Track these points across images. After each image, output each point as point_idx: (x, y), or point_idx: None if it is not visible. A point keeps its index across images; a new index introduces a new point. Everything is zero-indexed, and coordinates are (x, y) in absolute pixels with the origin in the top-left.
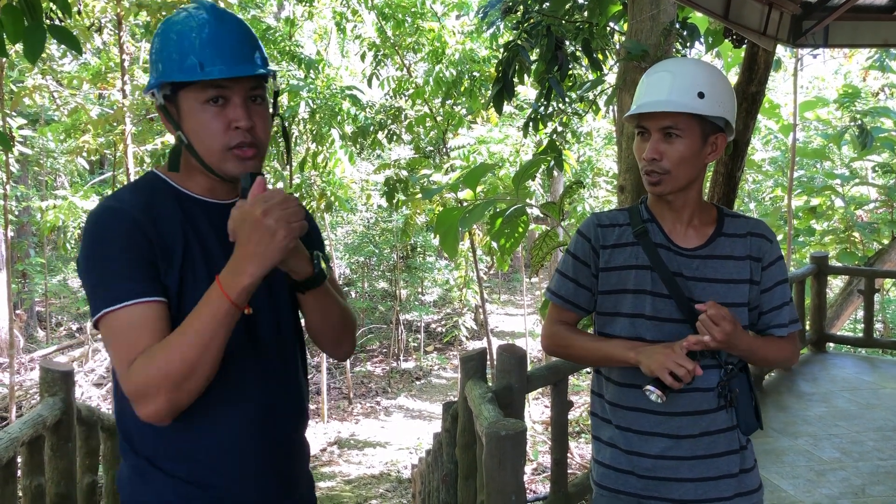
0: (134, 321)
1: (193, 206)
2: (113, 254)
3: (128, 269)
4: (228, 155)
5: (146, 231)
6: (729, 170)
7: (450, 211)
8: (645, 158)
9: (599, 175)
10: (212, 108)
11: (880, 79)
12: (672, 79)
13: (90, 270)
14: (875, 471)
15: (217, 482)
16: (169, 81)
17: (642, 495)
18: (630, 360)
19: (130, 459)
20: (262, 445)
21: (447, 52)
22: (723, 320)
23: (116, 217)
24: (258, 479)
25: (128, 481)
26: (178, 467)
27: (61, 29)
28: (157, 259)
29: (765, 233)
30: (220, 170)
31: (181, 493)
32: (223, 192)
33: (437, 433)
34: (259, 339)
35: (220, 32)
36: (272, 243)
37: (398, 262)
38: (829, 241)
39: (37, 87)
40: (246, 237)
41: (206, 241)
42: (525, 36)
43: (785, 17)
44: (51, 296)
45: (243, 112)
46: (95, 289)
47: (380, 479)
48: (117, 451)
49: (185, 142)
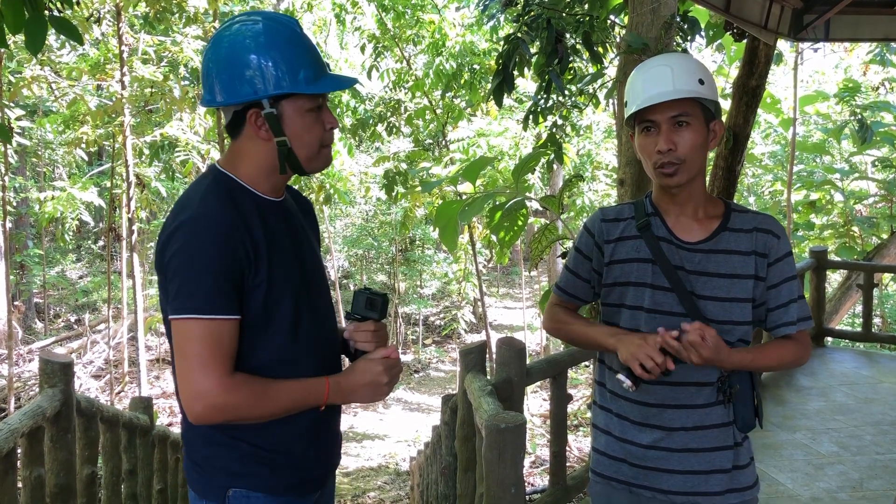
0: (223, 335)
1: (266, 208)
2: (212, 265)
3: (223, 283)
4: (322, 152)
5: (243, 240)
6: (729, 164)
7: (449, 204)
8: (660, 151)
9: (599, 168)
10: (313, 114)
11: (881, 73)
12: (671, 70)
13: (190, 273)
14: (873, 465)
15: (282, 448)
16: (282, 94)
17: (633, 484)
18: (609, 345)
19: (203, 430)
20: (321, 422)
21: (447, 44)
22: (700, 346)
23: (217, 227)
24: (317, 444)
25: (201, 449)
26: (249, 435)
27: (62, 20)
28: (250, 265)
29: (772, 228)
30: (311, 167)
31: (253, 455)
32: (278, 189)
33: (435, 426)
34: (325, 332)
35: (311, 45)
36: (376, 398)
37: (397, 254)
38: (829, 235)
39: (35, 77)
40: (364, 384)
41: (280, 240)
42: (525, 29)
43: (786, 11)
44: (49, 287)
45: (332, 116)
46: (190, 291)
47: (378, 471)
48: (116, 443)
49: (288, 145)
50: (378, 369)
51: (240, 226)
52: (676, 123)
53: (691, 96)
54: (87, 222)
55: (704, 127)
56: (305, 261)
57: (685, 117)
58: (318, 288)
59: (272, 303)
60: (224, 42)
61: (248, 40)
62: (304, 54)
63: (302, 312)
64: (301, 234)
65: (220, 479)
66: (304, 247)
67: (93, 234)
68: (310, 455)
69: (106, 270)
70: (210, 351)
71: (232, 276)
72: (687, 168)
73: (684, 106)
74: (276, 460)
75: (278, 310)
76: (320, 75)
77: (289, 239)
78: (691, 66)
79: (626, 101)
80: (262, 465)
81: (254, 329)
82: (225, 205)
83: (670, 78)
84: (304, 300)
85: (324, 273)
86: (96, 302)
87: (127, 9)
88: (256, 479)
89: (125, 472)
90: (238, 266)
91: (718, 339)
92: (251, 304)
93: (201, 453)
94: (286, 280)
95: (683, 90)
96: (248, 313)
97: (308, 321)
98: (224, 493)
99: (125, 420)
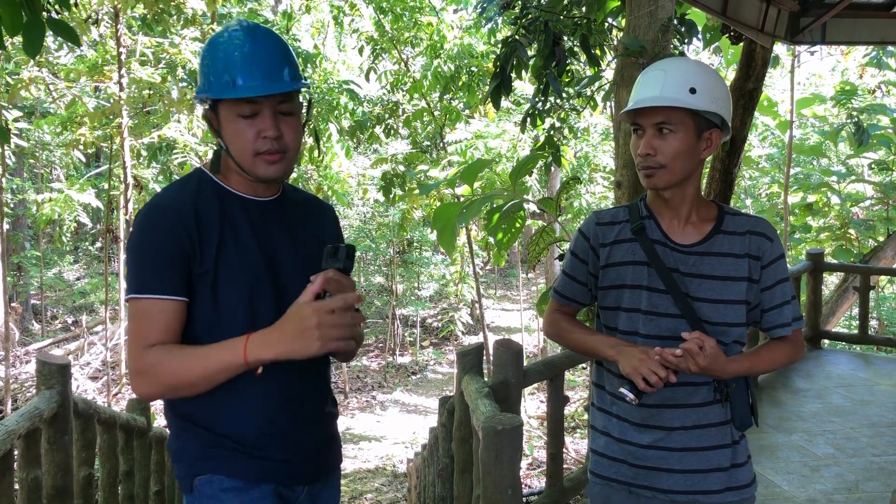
0: (152, 312)
1: (232, 201)
2: (151, 249)
3: (160, 266)
4: (258, 159)
5: (187, 226)
6: (725, 166)
7: (447, 206)
8: (639, 154)
9: (596, 171)
10: (245, 120)
11: (877, 76)
12: (664, 76)
13: (132, 258)
14: (869, 466)
15: (242, 439)
16: (205, 95)
17: (633, 484)
18: (609, 357)
19: (172, 419)
20: (282, 416)
21: (445, 46)
22: (698, 356)
23: (161, 215)
24: (280, 439)
25: (174, 437)
26: (211, 424)
27: (59, 22)
28: (194, 252)
29: (765, 231)
30: (251, 172)
31: (216, 443)
32: (261, 189)
33: (433, 427)
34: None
35: (253, 51)
36: (305, 348)
37: (394, 256)
38: (825, 237)
39: (33, 79)
40: (290, 329)
41: (240, 233)
42: (523, 31)
43: (783, 14)
44: (46, 289)
45: (271, 123)
46: (131, 274)
47: (375, 473)
48: (114, 445)
49: (224, 147)
50: (305, 311)
51: (187, 213)
52: (659, 130)
53: (676, 105)
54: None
55: (693, 135)
56: (280, 262)
57: (667, 125)
58: (295, 292)
59: (222, 295)
60: (209, 41)
61: (208, 44)
62: (240, 60)
63: (260, 311)
64: (282, 234)
65: (187, 468)
66: (281, 248)
67: (90, 236)
68: (269, 442)
69: (103, 272)
70: (139, 327)
71: (172, 258)
72: (666, 173)
73: (668, 114)
74: (233, 445)
75: (228, 303)
76: (252, 82)
77: (256, 237)
78: (688, 74)
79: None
80: (220, 449)
81: (206, 322)
82: (180, 194)
83: (660, 84)
84: (265, 299)
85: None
86: (94, 303)
87: (125, 10)
88: (216, 461)
89: (122, 474)
90: (181, 250)
91: (717, 350)
92: (199, 293)
93: (173, 446)
94: (240, 274)
95: (668, 98)
96: (198, 302)
97: (267, 322)
98: (191, 483)
99: (122, 422)
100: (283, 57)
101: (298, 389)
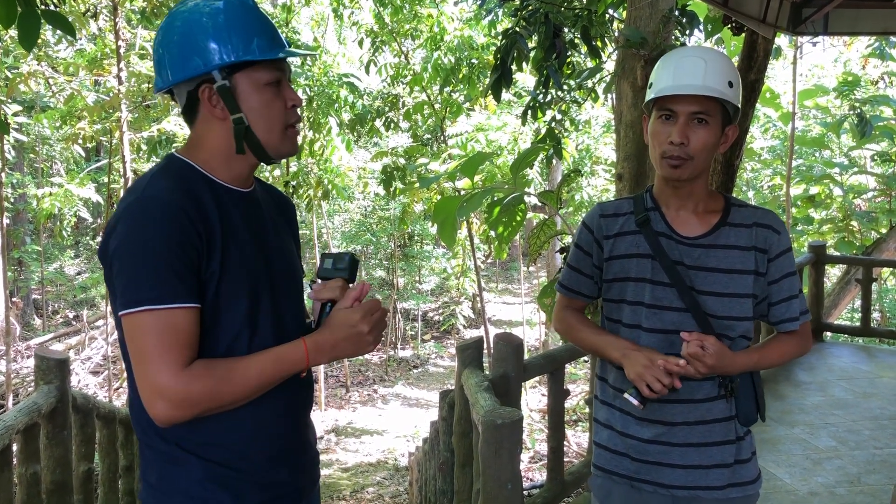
0: (180, 325)
1: (224, 195)
2: (164, 248)
3: (179, 267)
4: (288, 133)
5: (194, 222)
6: (727, 158)
7: (448, 199)
8: (672, 142)
9: (598, 163)
10: (272, 89)
11: (880, 67)
12: (705, 65)
13: (136, 262)
14: (871, 459)
15: (246, 466)
16: (228, 63)
17: (635, 478)
18: (615, 360)
19: (159, 446)
20: (288, 433)
21: (445, 38)
22: (702, 356)
23: (166, 209)
24: (286, 460)
25: (157, 469)
26: (210, 451)
27: (55, 13)
28: (202, 251)
29: (772, 223)
30: (276, 150)
31: (215, 474)
32: (243, 179)
33: (433, 421)
34: (287, 336)
35: (266, 17)
36: (360, 351)
37: (395, 250)
38: (828, 230)
39: (32, 73)
40: (344, 337)
41: (238, 230)
42: (523, 23)
43: (784, 4)
44: (47, 283)
45: (294, 92)
46: (138, 281)
47: (377, 466)
48: (113, 439)
49: (245, 123)
50: (355, 317)
51: (191, 207)
52: (696, 119)
53: (717, 96)
54: (85, 218)
55: (720, 129)
56: (272, 259)
57: (705, 115)
58: (285, 290)
59: (224, 299)
60: (177, 18)
61: (201, 12)
62: (257, 23)
63: (258, 315)
64: (269, 230)
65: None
66: (271, 244)
67: (91, 231)
68: (277, 466)
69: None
70: (166, 344)
71: (186, 259)
72: (693, 165)
73: (707, 104)
74: (238, 476)
75: (230, 308)
76: (275, 46)
77: (250, 232)
78: (725, 66)
79: (651, 82)
80: (223, 487)
81: (202, 326)
82: (174, 186)
83: (702, 72)
84: (264, 301)
85: (297, 275)
86: (94, 298)
87: (124, 4)
88: (223, 494)
89: (122, 469)
90: (193, 249)
91: (720, 346)
92: (203, 297)
93: (154, 479)
94: (244, 275)
95: (712, 88)
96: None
97: (267, 324)
98: None
99: (122, 416)
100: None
101: (302, 401)
